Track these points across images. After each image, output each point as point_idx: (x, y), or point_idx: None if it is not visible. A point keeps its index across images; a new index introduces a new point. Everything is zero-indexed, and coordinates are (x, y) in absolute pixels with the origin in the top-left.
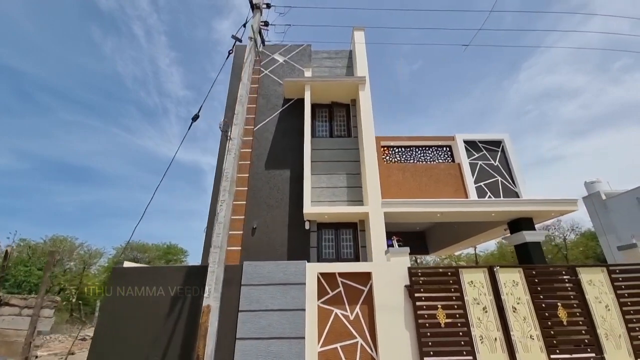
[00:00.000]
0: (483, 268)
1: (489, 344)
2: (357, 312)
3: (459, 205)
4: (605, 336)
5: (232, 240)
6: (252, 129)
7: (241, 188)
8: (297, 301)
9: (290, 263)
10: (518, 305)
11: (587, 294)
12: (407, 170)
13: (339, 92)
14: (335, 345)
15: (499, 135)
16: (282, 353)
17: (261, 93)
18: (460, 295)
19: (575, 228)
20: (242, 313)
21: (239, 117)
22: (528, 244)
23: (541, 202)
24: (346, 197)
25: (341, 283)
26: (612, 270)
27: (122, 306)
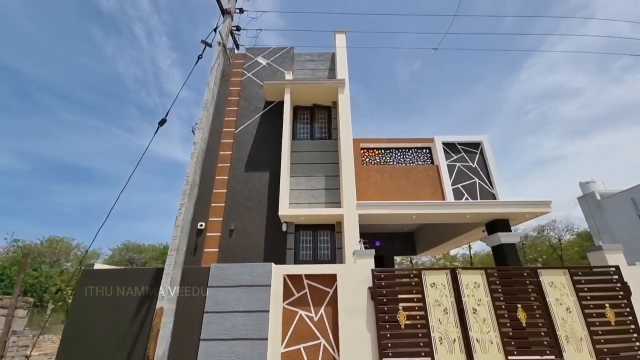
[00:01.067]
0: (445, 270)
1: (448, 344)
2: (322, 313)
3: (433, 207)
4: (566, 338)
5: (209, 242)
6: (233, 132)
7: (220, 190)
8: (261, 303)
9: (257, 265)
10: (479, 307)
11: (548, 296)
12: (385, 172)
13: (319, 94)
14: (298, 346)
15: (478, 137)
16: (245, 354)
17: (243, 96)
18: (422, 297)
19: (571, 228)
20: (207, 314)
21: (203, 122)
22: (503, 245)
23: (515, 203)
24: (324, 199)
25: (307, 285)
26: (574, 272)
27: (91, 307)
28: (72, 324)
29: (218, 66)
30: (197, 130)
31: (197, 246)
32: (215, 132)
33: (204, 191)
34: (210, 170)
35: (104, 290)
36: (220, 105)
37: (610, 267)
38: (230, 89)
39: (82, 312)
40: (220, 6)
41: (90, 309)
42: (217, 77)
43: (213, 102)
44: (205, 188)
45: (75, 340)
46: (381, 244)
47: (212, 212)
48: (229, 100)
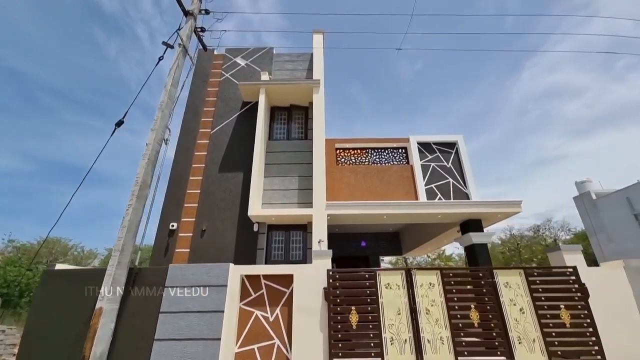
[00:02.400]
0: (401, 270)
1: (399, 345)
2: (278, 313)
3: (403, 207)
4: (518, 339)
5: (181, 243)
6: (209, 132)
7: (194, 191)
8: (217, 303)
9: (215, 265)
10: (432, 307)
11: (502, 297)
12: (359, 172)
13: (296, 94)
14: (252, 347)
15: (454, 136)
16: (197, 354)
17: (221, 96)
18: (376, 297)
19: (567, 228)
20: (162, 314)
21: (157, 123)
22: (475, 245)
23: (485, 203)
24: (297, 199)
25: (265, 285)
26: (529, 273)
27: (52, 308)
28: (33, 324)
29: (177, 67)
30: (151, 132)
31: (168, 246)
32: (192, 133)
33: (178, 192)
34: (185, 170)
35: (65, 290)
36: (198, 106)
37: (568, 268)
38: (208, 90)
39: (43, 312)
40: (182, 8)
41: (52, 309)
42: (175, 79)
43: (171, 104)
44: (179, 189)
45: (35, 340)
46: (367, 244)
47: (185, 213)
48: (207, 101)
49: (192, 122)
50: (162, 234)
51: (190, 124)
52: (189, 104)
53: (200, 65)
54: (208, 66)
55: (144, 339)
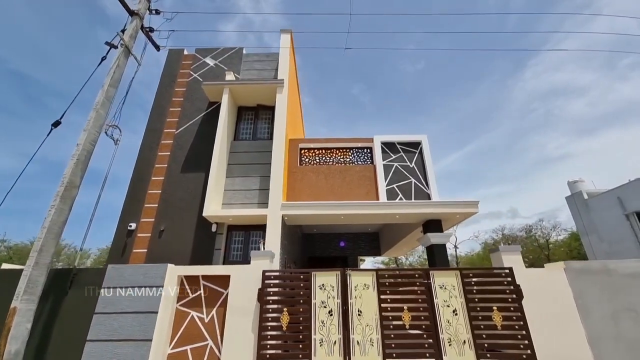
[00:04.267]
0: (337, 271)
1: (328, 346)
2: (214, 314)
3: (360, 207)
4: (449, 341)
5: (139, 243)
6: (174, 133)
7: (155, 191)
8: (151, 304)
9: (152, 266)
10: (365, 309)
11: (437, 298)
12: (320, 172)
13: (263, 95)
14: (185, 348)
15: (418, 136)
16: (128, 355)
17: (187, 97)
18: (309, 298)
19: (558, 228)
20: (96, 315)
21: (90, 124)
22: (433, 246)
23: (441, 204)
24: (257, 199)
25: (203, 286)
26: (465, 274)
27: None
28: None
29: (117, 67)
30: (83, 132)
31: (126, 246)
32: (157, 133)
33: (139, 192)
34: (147, 171)
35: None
36: (164, 106)
37: (504, 269)
38: (175, 90)
39: None
40: (127, 8)
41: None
42: (114, 79)
43: (107, 104)
44: (140, 189)
45: None
46: (346, 244)
47: (145, 213)
48: (173, 102)
49: (157, 122)
50: (121, 234)
51: (155, 124)
52: (155, 104)
53: (169, 66)
54: (177, 66)
55: (77, 340)
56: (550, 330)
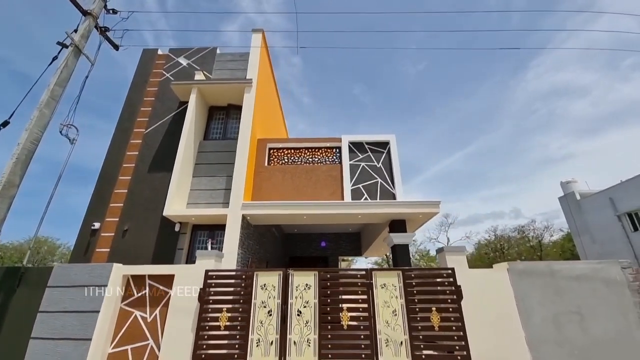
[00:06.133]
0: (279, 271)
1: (264, 346)
2: (156, 314)
3: (321, 207)
4: (386, 342)
5: (102, 242)
6: (143, 132)
7: (121, 190)
8: (94, 303)
9: (97, 265)
10: (304, 309)
11: (377, 298)
12: (287, 172)
13: (233, 94)
14: (126, 347)
15: (386, 136)
16: (68, 354)
17: (159, 97)
18: (249, 298)
19: (550, 228)
20: (40, 314)
21: (32, 123)
22: (396, 246)
23: (403, 204)
24: (222, 199)
25: (149, 285)
26: (407, 275)
27: None
28: None
29: (65, 67)
30: (25, 131)
31: (89, 246)
32: (126, 132)
33: (105, 192)
34: (114, 170)
35: None
36: (135, 106)
37: (446, 270)
38: (147, 90)
39: None
40: (80, 8)
41: None
42: (61, 78)
43: (53, 103)
44: (106, 188)
45: None
46: (327, 244)
47: (110, 212)
48: (145, 101)
49: (127, 122)
50: (84, 233)
51: (126, 123)
52: (126, 104)
53: (142, 66)
54: (150, 66)
55: (23, 337)
56: (488, 331)
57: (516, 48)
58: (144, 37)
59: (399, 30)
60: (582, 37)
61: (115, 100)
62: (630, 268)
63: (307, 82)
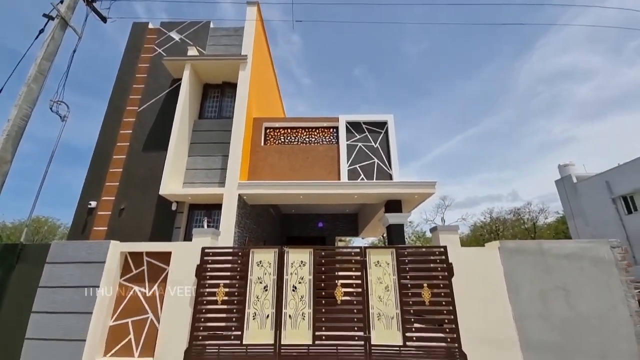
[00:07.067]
0: (274, 249)
1: (260, 320)
2: (155, 289)
3: (318, 187)
4: (378, 316)
5: (99, 221)
6: (136, 110)
7: (116, 170)
8: (93, 279)
9: (95, 242)
10: (299, 285)
11: (371, 275)
12: (283, 152)
13: (228, 71)
14: (127, 320)
15: (384, 116)
16: (71, 326)
17: (151, 73)
18: (245, 274)
19: (545, 211)
20: (40, 289)
21: (21, 98)
22: (391, 226)
23: (400, 184)
24: (219, 178)
25: (146, 262)
26: (400, 252)
27: None
28: None
29: (52, 40)
30: (14, 107)
31: (86, 224)
32: (119, 110)
33: (100, 170)
34: (108, 149)
35: None
36: (127, 82)
37: (439, 248)
38: (139, 66)
39: None
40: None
41: None
42: (48, 52)
43: (41, 78)
44: (101, 167)
45: None
46: (324, 225)
47: (106, 191)
48: (137, 78)
49: (119, 99)
50: (81, 212)
51: (118, 101)
52: (117, 80)
53: (132, 40)
54: (141, 41)
55: (23, 312)
56: (476, 306)
57: (520, 24)
58: (134, 9)
59: (401, 3)
60: (592, 14)
61: (108, 79)
62: (619, 247)
63: (307, 62)
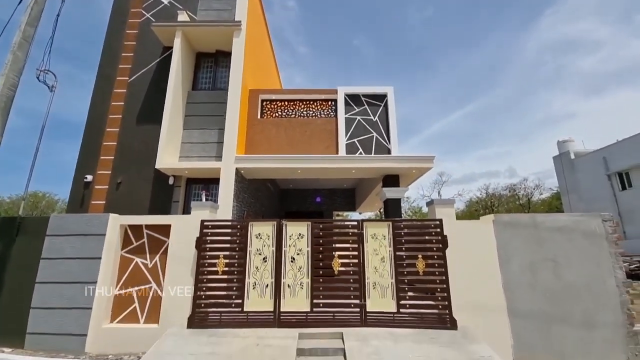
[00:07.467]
0: (273, 222)
1: (260, 289)
2: (156, 260)
3: (315, 161)
4: (373, 285)
5: (97, 195)
6: (127, 81)
7: (110, 143)
8: (95, 250)
9: (94, 215)
10: (297, 256)
11: (367, 247)
12: (281, 125)
13: (221, 39)
14: (131, 289)
15: (384, 88)
16: (75, 296)
17: (140, 40)
18: (245, 246)
19: (541, 187)
20: (43, 260)
21: (7, 67)
22: (388, 200)
23: (398, 158)
24: (215, 152)
25: (146, 234)
26: (396, 225)
27: None
28: None
29: (35, 4)
30: (0, 77)
31: (84, 198)
32: (109, 80)
33: (93, 144)
34: (101, 121)
35: None
36: (115, 50)
37: (434, 221)
38: (127, 32)
39: None
40: None
41: None
42: (32, 16)
43: (26, 45)
44: (95, 140)
45: None
46: (322, 200)
47: (101, 165)
48: (125, 45)
49: (108, 68)
50: (78, 185)
51: (107, 70)
52: (105, 47)
53: (118, 3)
54: (127, 4)
55: (27, 283)
56: (468, 276)
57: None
58: None
59: None
60: None
61: (98, 48)
62: (611, 221)
63: (304, 29)
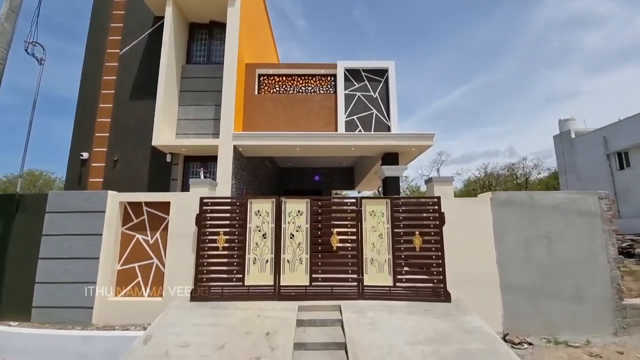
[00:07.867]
0: (272, 199)
1: (260, 264)
2: (157, 237)
3: (314, 138)
4: (370, 261)
5: (94, 172)
6: (117, 54)
7: (104, 119)
8: (95, 227)
9: (93, 193)
10: (297, 233)
11: (366, 224)
12: (279, 101)
13: (215, 8)
14: (133, 265)
15: (385, 62)
16: (78, 271)
17: (129, 9)
18: (244, 222)
19: (539, 167)
20: (45, 237)
21: None
22: (387, 178)
23: (397, 136)
24: (212, 129)
25: (146, 211)
26: (394, 203)
27: None
28: None
29: None
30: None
31: (81, 176)
32: (99, 53)
33: (87, 121)
34: (93, 97)
35: None
36: (104, 21)
37: (432, 198)
38: (115, 1)
39: None
40: None
41: None
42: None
43: (13, 16)
44: (88, 117)
45: None
46: (320, 178)
47: (97, 142)
48: (114, 15)
49: (97, 40)
50: (74, 163)
51: (96, 42)
52: (93, 17)
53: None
54: None
55: (29, 258)
56: (464, 252)
57: None
58: None
59: None
60: None
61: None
62: (607, 199)
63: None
